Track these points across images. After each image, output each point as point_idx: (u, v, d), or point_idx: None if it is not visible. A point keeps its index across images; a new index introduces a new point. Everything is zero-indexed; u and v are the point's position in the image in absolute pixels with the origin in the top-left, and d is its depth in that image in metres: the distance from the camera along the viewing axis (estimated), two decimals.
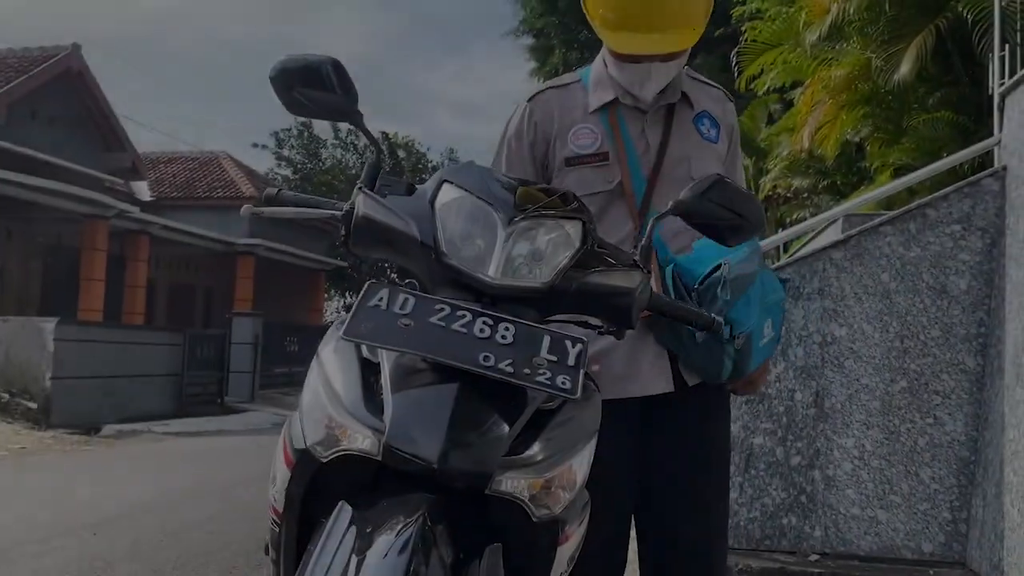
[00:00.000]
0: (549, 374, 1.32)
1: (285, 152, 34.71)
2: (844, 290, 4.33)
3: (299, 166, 34.77)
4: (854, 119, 9.13)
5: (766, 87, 11.61)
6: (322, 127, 43.81)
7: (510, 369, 1.30)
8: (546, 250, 1.47)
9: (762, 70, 9.82)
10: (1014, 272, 3.95)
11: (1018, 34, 6.91)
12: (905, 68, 7.40)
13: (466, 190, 1.51)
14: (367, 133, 1.71)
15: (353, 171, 35.07)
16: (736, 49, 9.96)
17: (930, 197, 4.33)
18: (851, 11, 7.92)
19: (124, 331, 15.86)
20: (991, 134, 7.60)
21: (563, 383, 1.32)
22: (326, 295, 32.13)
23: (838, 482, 4.25)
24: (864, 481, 4.23)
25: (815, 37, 8.17)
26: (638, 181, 2.02)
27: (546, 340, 1.37)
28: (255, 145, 38.18)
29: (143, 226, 19.11)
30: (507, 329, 1.36)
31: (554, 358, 1.35)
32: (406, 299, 1.39)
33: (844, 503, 4.23)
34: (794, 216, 14.32)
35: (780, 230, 16.68)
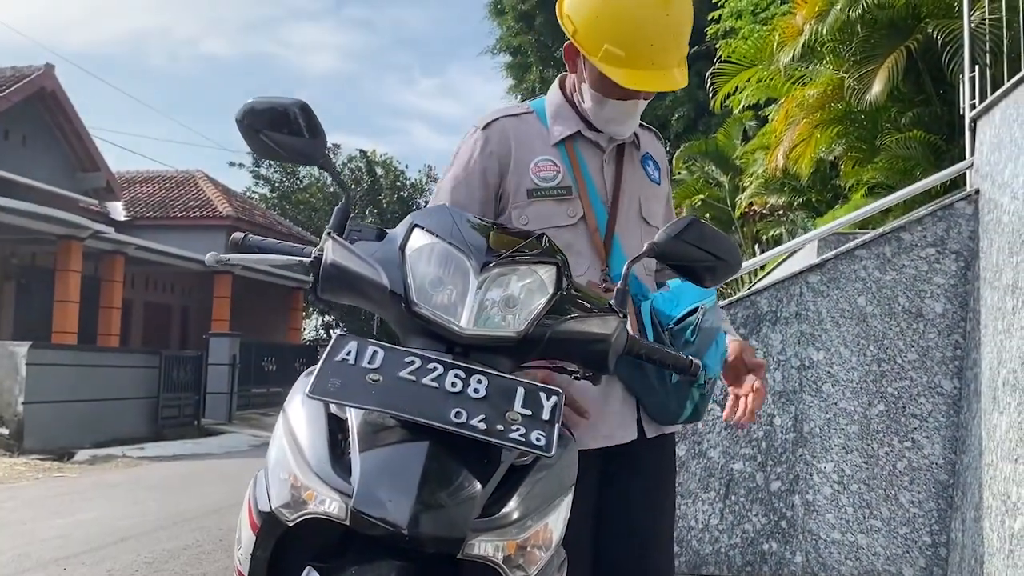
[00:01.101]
0: (523, 430, 1.29)
1: (262, 170, 34.60)
2: (821, 314, 4.33)
3: (276, 184, 34.64)
4: (828, 138, 9.22)
5: (741, 105, 11.71)
6: None
7: (483, 426, 1.27)
8: (520, 296, 1.45)
9: (736, 88, 9.87)
10: (988, 295, 3.97)
11: (987, 55, 7.00)
12: (877, 88, 7.47)
13: (437, 235, 1.48)
14: (336, 177, 1.69)
15: (331, 189, 34.97)
16: (711, 70, 10.02)
17: (904, 220, 4.35)
18: (823, 32, 8.00)
19: (98, 354, 15.66)
20: (962, 154, 7.68)
21: (538, 439, 1.29)
22: (304, 314, 31.94)
23: (818, 507, 4.24)
24: (844, 506, 4.22)
25: (788, 58, 8.23)
26: (600, 216, 2.01)
27: (520, 392, 1.35)
28: (232, 164, 38.05)
29: (118, 247, 18.90)
30: (479, 382, 1.33)
31: (528, 412, 1.32)
32: (375, 352, 1.36)
33: (824, 528, 4.22)
34: (770, 233, 14.42)
35: (756, 246, 16.81)
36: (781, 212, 13.28)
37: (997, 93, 4.15)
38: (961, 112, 6.58)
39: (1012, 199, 3.81)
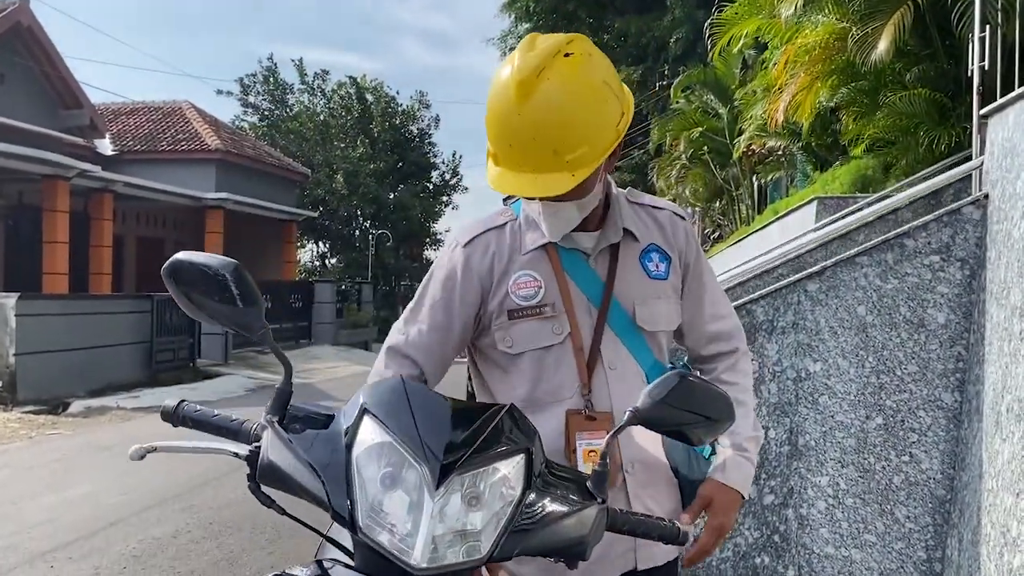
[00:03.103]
0: None
1: (251, 99, 33.94)
2: (819, 324, 4.17)
3: (265, 113, 34.01)
4: (829, 87, 8.90)
5: (740, 45, 11.33)
6: (289, 72, 42.73)
7: None
8: (484, 497, 1.30)
9: (732, 39, 9.50)
10: (994, 312, 3.80)
11: (999, 13, 6.67)
12: (883, 45, 7.14)
13: (389, 431, 1.32)
14: (276, 351, 1.50)
15: (321, 117, 34.35)
16: (709, 20, 9.61)
17: (908, 226, 4.14)
18: None
19: (89, 301, 15.52)
20: (968, 112, 7.42)
21: None
22: (299, 245, 31.75)
23: (812, 521, 4.15)
24: (838, 520, 4.13)
25: (791, 11, 7.86)
26: (587, 331, 1.83)
27: None
28: (219, 92, 37.24)
29: (106, 184, 18.57)
30: None
31: None
32: None
33: (818, 542, 4.14)
34: (769, 176, 14.18)
35: (755, 179, 16.52)
36: (780, 154, 12.99)
37: (1012, 94, 3.90)
38: (969, 73, 6.32)
39: None
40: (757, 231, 10.95)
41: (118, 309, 15.54)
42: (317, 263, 34.86)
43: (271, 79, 34.08)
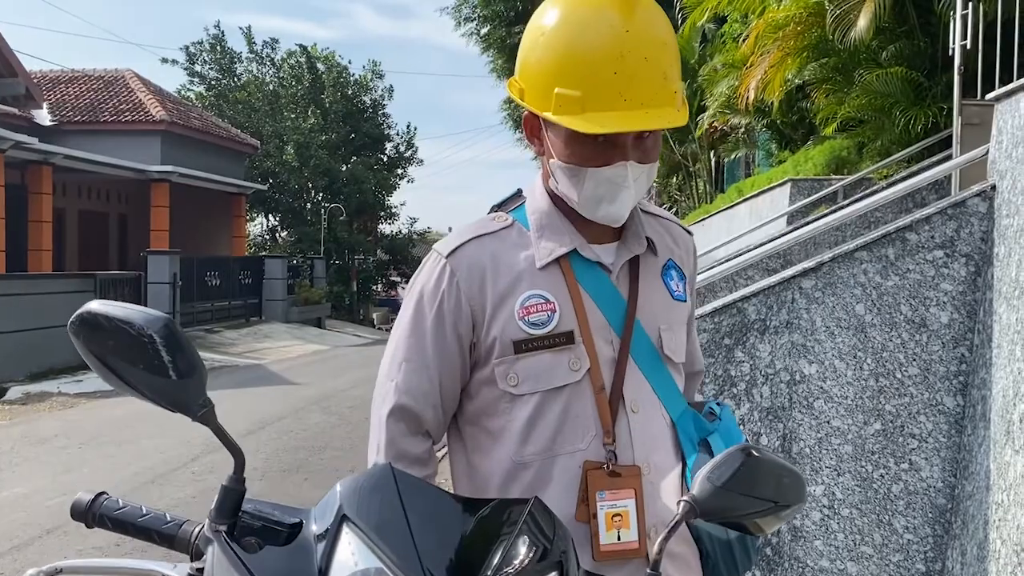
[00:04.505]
0: None
1: (197, 68, 32.79)
2: (815, 323, 3.90)
3: (213, 82, 32.90)
4: (798, 64, 8.65)
5: (704, 18, 11.05)
6: (236, 39, 41.52)
7: None
8: None
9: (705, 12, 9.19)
10: (1004, 313, 3.56)
11: None
12: (862, 23, 6.91)
13: (378, 551, 0.98)
14: (222, 437, 1.14)
15: (271, 86, 33.37)
16: None
17: (910, 219, 3.88)
18: None
19: (28, 281, 14.86)
20: (944, 91, 7.21)
21: None
22: (249, 219, 30.92)
23: (806, 533, 3.90)
24: (834, 531, 3.89)
25: None
26: (608, 364, 1.50)
27: None
28: (164, 61, 35.89)
29: (44, 156, 17.71)
30: None
31: None
32: None
33: (812, 555, 3.89)
34: (732, 156, 13.94)
35: (714, 157, 16.30)
36: (743, 132, 12.76)
37: None
38: (950, 52, 6.10)
39: None
40: (724, 210, 10.71)
41: (59, 289, 14.88)
42: (267, 237, 34.03)
43: (218, 47, 32.95)
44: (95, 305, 1.11)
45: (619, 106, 1.35)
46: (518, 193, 1.64)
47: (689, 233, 1.69)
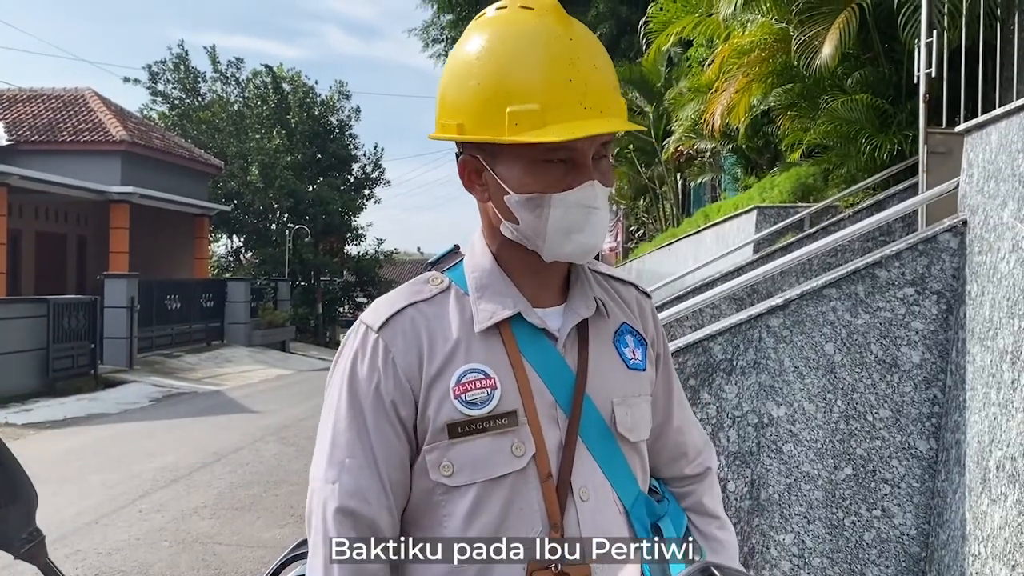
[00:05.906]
0: None
1: (160, 87, 32.35)
2: (783, 363, 3.74)
3: (176, 102, 32.47)
4: (763, 90, 8.58)
5: (670, 43, 10.98)
6: (201, 59, 41.10)
7: None
8: None
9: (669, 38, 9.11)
10: (978, 355, 3.42)
11: (945, 18, 6.40)
12: (827, 51, 6.82)
13: None
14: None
15: (235, 106, 33.00)
16: (644, 18, 9.20)
17: (879, 255, 3.74)
18: None
19: None
20: (909, 118, 7.16)
21: None
22: (213, 240, 30.46)
23: None
24: None
25: (730, 10, 7.47)
26: (555, 447, 1.30)
27: None
28: (127, 80, 35.42)
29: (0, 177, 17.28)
30: None
31: None
32: None
33: None
34: (698, 180, 13.88)
35: (680, 179, 16.25)
36: (709, 156, 12.70)
37: (996, 112, 3.52)
38: (915, 80, 6.03)
39: (1015, 249, 3.23)
40: (691, 235, 10.60)
41: (9, 314, 14.41)
42: (232, 259, 33.55)
43: (182, 67, 32.56)
44: None
45: (581, 114, 1.20)
46: (455, 250, 1.44)
47: (647, 296, 1.51)
